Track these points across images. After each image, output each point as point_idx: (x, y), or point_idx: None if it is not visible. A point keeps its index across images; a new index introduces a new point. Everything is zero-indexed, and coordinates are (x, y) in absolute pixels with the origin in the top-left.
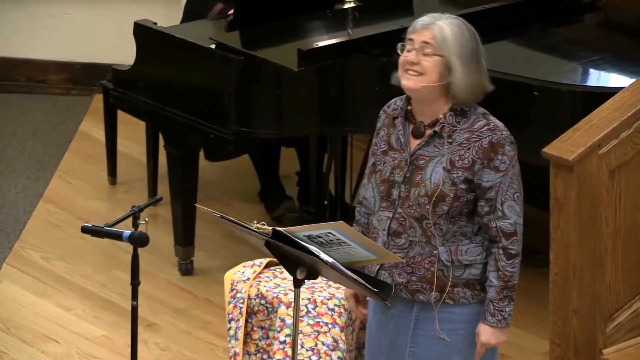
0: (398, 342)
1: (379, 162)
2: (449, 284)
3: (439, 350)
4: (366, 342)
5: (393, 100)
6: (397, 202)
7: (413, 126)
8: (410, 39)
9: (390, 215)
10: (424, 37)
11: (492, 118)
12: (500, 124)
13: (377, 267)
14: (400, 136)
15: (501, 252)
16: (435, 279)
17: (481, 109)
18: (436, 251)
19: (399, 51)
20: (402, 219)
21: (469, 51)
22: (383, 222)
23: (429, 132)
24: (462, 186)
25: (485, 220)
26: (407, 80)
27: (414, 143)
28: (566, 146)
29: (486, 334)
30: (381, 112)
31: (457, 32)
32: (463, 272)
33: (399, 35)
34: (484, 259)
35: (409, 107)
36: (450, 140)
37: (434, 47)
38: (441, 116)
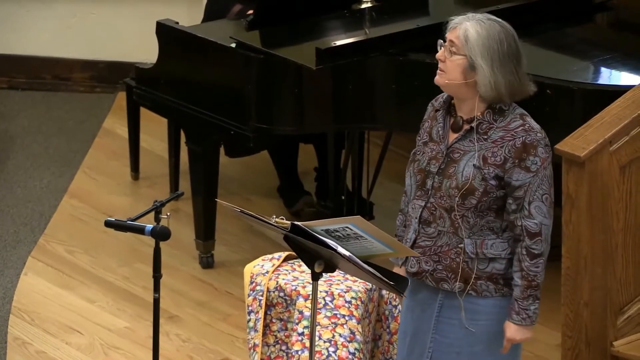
0: (422, 327)
1: (418, 152)
2: (473, 275)
3: (460, 339)
4: (399, 326)
5: (441, 94)
6: (430, 192)
7: (453, 120)
8: (445, 37)
9: (423, 204)
10: (452, 36)
11: (529, 119)
12: (536, 126)
13: None
14: (440, 129)
15: (524, 251)
16: (460, 270)
17: (520, 110)
18: (462, 243)
19: (438, 48)
20: (433, 209)
21: (499, 52)
22: (416, 210)
23: (466, 127)
24: (493, 182)
25: (511, 217)
26: (437, 76)
27: (452, 136)
28: (578, 143)
29: (511, 330)
30: (429, 105)
31: (482, 34)
32: (487, 266)
33: (415, 35)
34: (509, 254)
35: (452, 101)
36: (485, 137)
37: (457, 47)
38: (479, 113)
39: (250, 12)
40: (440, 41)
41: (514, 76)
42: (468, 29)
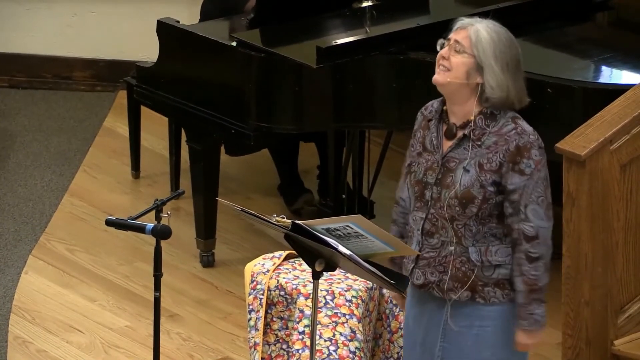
0: (430, 336)
1: (414, 164)
2: (479, 283)
3: (469, 346)
4: (403, 335)
5: (430, 102)
6: (429, 203)
7: (446, 127)
8: (449, 38)
9: (424, 215)
10: (458, 36)
11: (520, 122)
12: (528, 129)
13: (412, 265)
14: (434, 138)
15: (523, 256)
16: (466, 279)
17: (511, 113)
18: (466, 252)
19: (438, 48)
20: (435, 220)
21: (507, 57)
22: (417, 222)
23: (459, 134)
24: (491, 188)
25: (509, 221)
26: (436, 74)
27: (446, 145)
28: (578, 142)
29: (521, 337)
30: (418, 114)
31: (494, 37)
32: (493, 272)
33: (416, 33)
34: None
35: (444, 108)
36: (479, 143)
37: (464, 47)
38: (472, 118)
39: None
40: (441, 40)
41: (521, 83)
42: (479, 30)
